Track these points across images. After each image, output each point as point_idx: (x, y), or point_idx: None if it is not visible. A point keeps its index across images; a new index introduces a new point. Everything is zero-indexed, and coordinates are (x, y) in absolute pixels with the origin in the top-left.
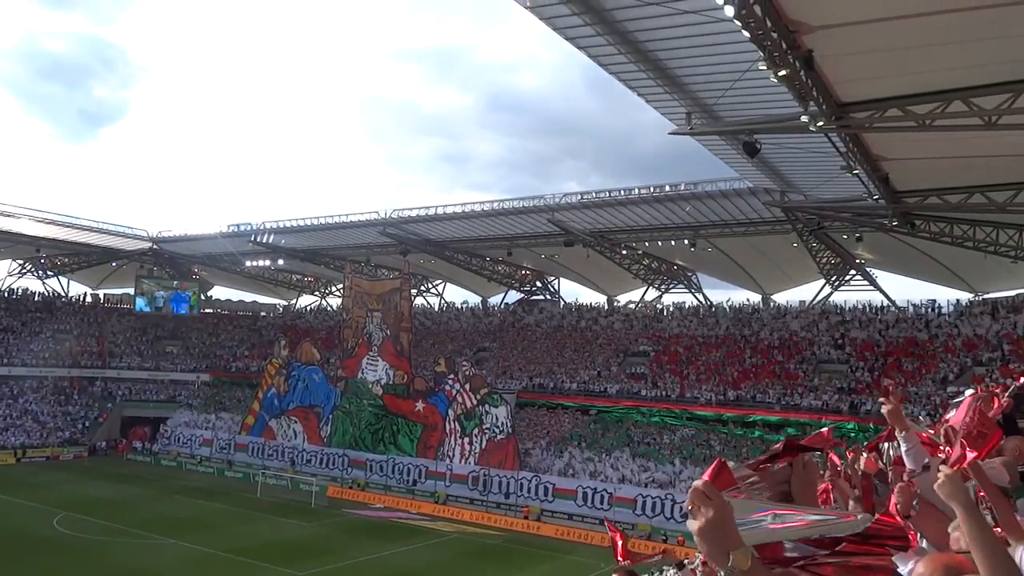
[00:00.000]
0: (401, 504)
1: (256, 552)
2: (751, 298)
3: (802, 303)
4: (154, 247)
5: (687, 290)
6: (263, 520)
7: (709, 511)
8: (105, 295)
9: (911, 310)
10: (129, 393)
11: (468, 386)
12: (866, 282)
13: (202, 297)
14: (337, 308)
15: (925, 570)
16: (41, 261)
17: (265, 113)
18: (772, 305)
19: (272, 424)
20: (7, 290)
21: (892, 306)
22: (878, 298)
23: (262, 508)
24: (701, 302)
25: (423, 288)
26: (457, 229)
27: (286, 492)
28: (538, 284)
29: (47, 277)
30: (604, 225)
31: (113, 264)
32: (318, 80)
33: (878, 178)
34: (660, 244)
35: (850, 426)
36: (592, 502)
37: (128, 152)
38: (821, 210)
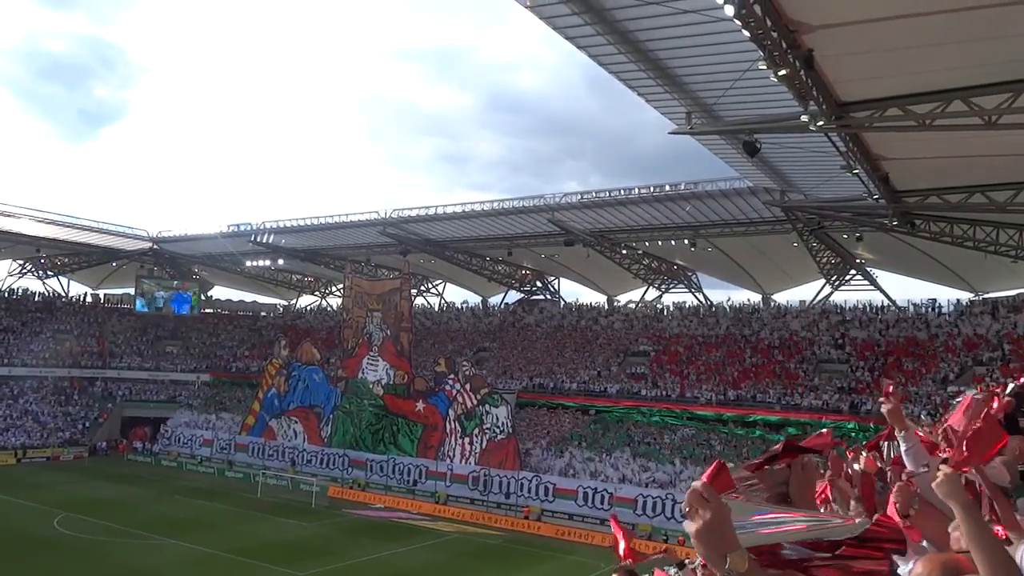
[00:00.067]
0: (401, 504)
1: (256, 552)
2: (751, 298)
3: (802, 303)
4: (154, 247)
5: (687, 290)
6: (263, 520)
7: (706, 513)
8: (105, 295)
9: (911, 310)
10: (129, 393)
11: (468, 386)
12: (866, 282)
13: (202, 297)
14: (337, 308)
15: (924, 570)
16: (41, 261)
17: (265, 113)
18: (772, 305)
19: (272, 424)
20: (7, 290)
21: (892, 306)
22: (878, 298)
23: (262, 508)
24: (701, 302)
25: (423, 288)
26: (457, 229)
27: (286, 492)
28: (538, 284)
29: (47, 277)
30: (604, 225)
31: (113, 264)
32: (318, 80)
33: (878, 178)
34: (660, 244)
35: (850, 426)
36: (592, 502)
37: (128, 152)
38: (821, 210)
